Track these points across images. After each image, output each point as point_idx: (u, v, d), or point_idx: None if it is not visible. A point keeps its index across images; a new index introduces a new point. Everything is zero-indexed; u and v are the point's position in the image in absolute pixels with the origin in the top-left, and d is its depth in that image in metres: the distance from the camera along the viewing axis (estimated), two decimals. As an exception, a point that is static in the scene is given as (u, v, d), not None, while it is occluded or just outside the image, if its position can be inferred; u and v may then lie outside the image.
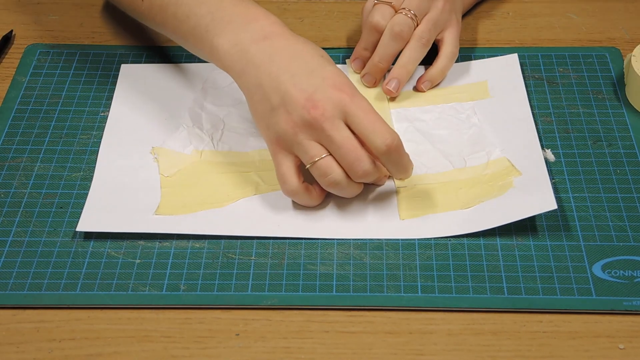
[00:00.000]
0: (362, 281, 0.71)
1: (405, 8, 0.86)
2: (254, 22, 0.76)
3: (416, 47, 0.87)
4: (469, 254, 0.73)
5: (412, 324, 0.69)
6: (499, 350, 0.67)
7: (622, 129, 0.84)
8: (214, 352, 0.67)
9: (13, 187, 0.80)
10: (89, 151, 0.83)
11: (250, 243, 0.75)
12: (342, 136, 0.71)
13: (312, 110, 0.71)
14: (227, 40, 0.76)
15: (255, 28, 0.76)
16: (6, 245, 0.75)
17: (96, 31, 0.98)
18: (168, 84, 0.90)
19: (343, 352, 0.67)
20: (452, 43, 0.89)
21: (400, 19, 0.86)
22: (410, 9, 0.86)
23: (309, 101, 0.71)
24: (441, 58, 0.88)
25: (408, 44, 0.87)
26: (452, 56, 0.89)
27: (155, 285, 0.71)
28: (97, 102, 0.88)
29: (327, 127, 0.71)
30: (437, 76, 0.88)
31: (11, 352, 0.67)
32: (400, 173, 0.75)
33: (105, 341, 0.68)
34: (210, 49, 0.77)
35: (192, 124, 0.85)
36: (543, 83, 0.90)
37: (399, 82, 0.87)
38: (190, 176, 0.80)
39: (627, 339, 0.68)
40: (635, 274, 0.72)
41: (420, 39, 0.86)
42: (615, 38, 0.95)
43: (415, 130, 0.84)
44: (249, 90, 0.75)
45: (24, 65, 0.93)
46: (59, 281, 0.72)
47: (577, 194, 0.78)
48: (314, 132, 0.72)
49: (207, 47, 0.78)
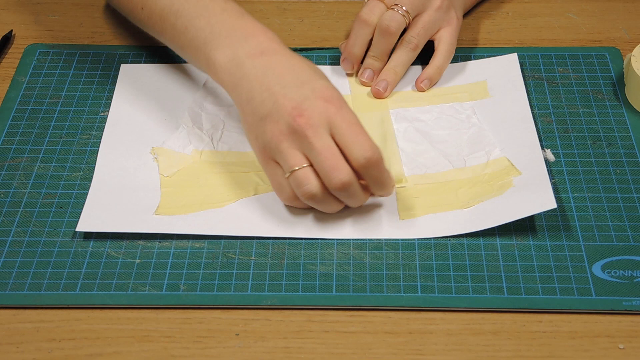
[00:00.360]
0: (362, 281, 0.71)
1: (398, 4, 0.86)
2: (251, 38, 0.76)
3: (404, 51, 0.88)
4: (469, 254, 0.73)
5: (412, 324, 0.69)
6: (499, 350, 0.67)
7: (622, 129, 0.84)
8: (214, 352, 0.67)
9: (13, 187, 0.80)
10: (89, 151, 0.83)
11: (250, 243, 0.75)
12: (323, 144, 0.71)
13: (297, 118, 0.71)
14: (224, 55, 0.76)
15: (253, 44, 0.76)
16: (6, 245, 0.75)
17: (96, 31, 0.98)
18: (168, 84, 0.90)
19: (343, 352, 0.67)
20: (448, 41, 0.89)
21: (389, 15, 0.86)
22: (402, 5, 0.86)
23: (295, 109, 0.71)
24: (437, 57, 0.88)
25: (397, 47, 0.88)
26: (448, 54, 0.89)
27: (155, 285, 0.71)
28: (97, 102, 0.88)
29: (310, 134, 0.70)
30: (435, 74, 0.88)
31: (11, 352, 0.67)
32: (379, 189, 0.74)
33: (105, 341, 0.68)
34: (207, 62, 0.78)
35: (192, 124, 0.85)
36: (543, 83, 0.90)
37: (387, 83, 0.87)
38: (190, 176, 0.80)
39: (627, 339, 0.68)
40: (635, 274, 0.72)
41: (408, 43, 0.87)
42: (615, 38, 0.95)
43: (414, 130, 0.84)
44: (240, 104, 0.75)
45: (23, 65, 0.93)
46: (59, 281, 0.72)
47: (577, 194, 0.78)
48: (297, 140, 0.71)
49: (204, 59, 0.78)
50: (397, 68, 0.88)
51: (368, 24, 0.87)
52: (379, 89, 0.87)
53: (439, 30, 0.89)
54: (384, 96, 0.87)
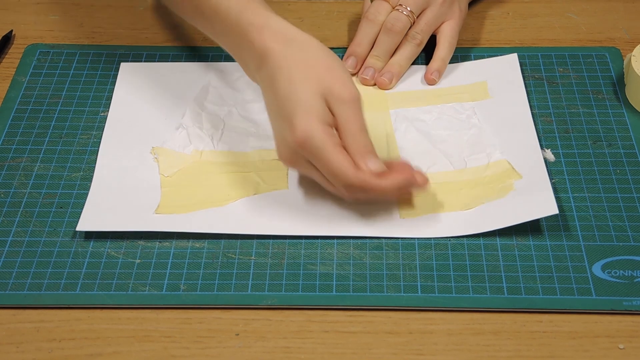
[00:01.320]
0: (362, 281, 0.71)
1: (402, 5, 0.88)
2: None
3: (409, 46, 0.89)
4: (469, 254, 0.73)
5: (412, 324, 0.69)
6: (499, 350, 0.67)
7: (622, 129, 0.84)
8: (214, 352, 0.67)
9: (13, 187, 0.80)
10: (89, 151, 0.83)
11: (250, 243, 0.75)
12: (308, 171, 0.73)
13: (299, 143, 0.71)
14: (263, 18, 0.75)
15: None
16: (6, 245, 0.75)
17: (96, 31, 0.98)
18: (168, 84, 0.90)
19: (343, 352, 0.67)
20: (449, 34, 0.90)
21: (394, 15, 0.88)
22: (407, 5, 0.88)
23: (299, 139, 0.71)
24: (440, 49, 0.90)
25: (402, 43, 0.89)
26: (450, 46, 0.90)
27: (155, 285, 0.71)
28: (97, 102, 0.88)
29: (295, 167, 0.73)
30: (441, 66, 0.90)
31: (11, 352, 0.67)
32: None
33: (105, 341, 0.68)
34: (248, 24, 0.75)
35: (192, 124, 0.85)
36: (543, 83, 0.90)
37: (392, 74, 0.88)
38: (190, 176, 0.80)
39: (627, 339, 0.68)
40: (635, 274, 0.72)
41: (413, 39, 0.89)
42: (615, 38, 0.95)
43: (415, 131, 0.84)
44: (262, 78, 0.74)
45: (24, 65, 0.93)
46: (59, 281, 0.72)
47: (577, 194, 0.78)
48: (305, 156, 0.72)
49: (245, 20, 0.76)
50: (401, 62, 0.89)
51: (375, 23, 0.89)
52: (384, 80, 0.88)
53: (442, 23, 0.91)
54: (389, 87, 0.88)
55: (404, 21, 0.88)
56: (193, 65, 0.92)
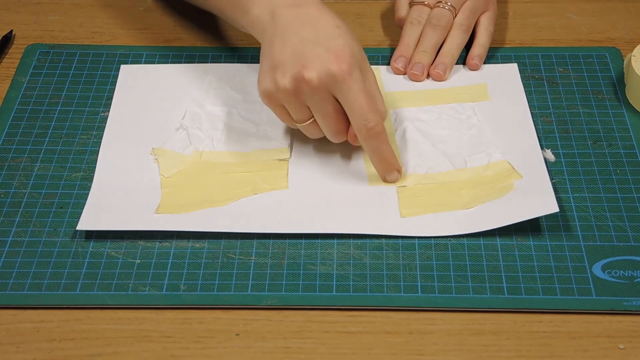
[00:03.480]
0: (362, 281, 0.72)
1: (442, 1, 0.91)
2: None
3: (458, 34, 0.91)
4: (469, 254, 0.73)
5: (412, 324, 0.69)
6: (499, 350, 0.67)
7: (622, 129, 0.84)
8: (214, 352, 0.67)
9: (13, 187, 0.80)
10: (89, 151, 0.83)
11: (250, 243, 0.75)
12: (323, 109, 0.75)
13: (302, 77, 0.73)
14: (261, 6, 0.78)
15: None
16: (6, 245, 0.75)
17: (96, 31, 0.98)
18: (168, 84, 0.90)
19: (343, 352, 0.67)
20: (487, 22, 0.93)
21: (438, 12, 0.91)
22: (447, 1, 0.91)
23: (304, 67, 0.73)
24: (479, 37, 0.93)
25: (450, 32, 0.91)
26: (489, 33, 0.93)
27: (155, 285, 0.72)
28: (97, 102, 0.88)
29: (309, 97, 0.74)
30: (482, 52, 0.92)
31: (11, 352, 0.67)
32: (379, 163, 0.77)
33: (105, 341, 0.68)
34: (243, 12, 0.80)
35: (192, 125, 0.85)
36: (543, 83, 0.90)
37: (445, 65, 0.90)
38: (191, 177, 0.80)
39: (627, 339, 0.68)
40: (635, 274, 0.72)
41: (460, 26, 0.91)
42: (615, 38, 0.95)
43: (415, 130, 0.84)
44: (263, 48, 0.78)
45: (24, 65, 0.93)
46: (59, 281, 0.72)
47: (577, 194, 0.78)
48: (302, 96, 0.75)
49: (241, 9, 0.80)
50: (452, 50, 0.91)
51: (420, 24, 0.91)
52: (439, 72, 0.90)
53: (480, 15, 0.93)
54: (444, 78, 0.90)
55: (448, 16, 0.91)
56: (193, 65, 0.92)
